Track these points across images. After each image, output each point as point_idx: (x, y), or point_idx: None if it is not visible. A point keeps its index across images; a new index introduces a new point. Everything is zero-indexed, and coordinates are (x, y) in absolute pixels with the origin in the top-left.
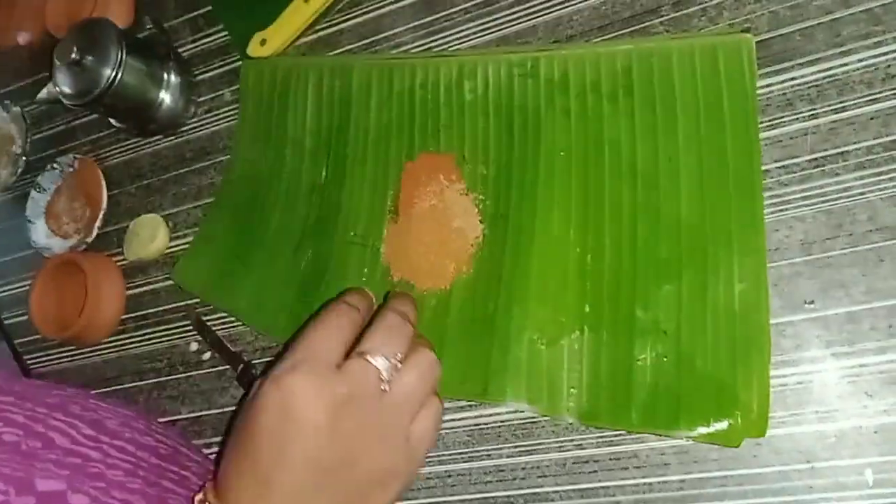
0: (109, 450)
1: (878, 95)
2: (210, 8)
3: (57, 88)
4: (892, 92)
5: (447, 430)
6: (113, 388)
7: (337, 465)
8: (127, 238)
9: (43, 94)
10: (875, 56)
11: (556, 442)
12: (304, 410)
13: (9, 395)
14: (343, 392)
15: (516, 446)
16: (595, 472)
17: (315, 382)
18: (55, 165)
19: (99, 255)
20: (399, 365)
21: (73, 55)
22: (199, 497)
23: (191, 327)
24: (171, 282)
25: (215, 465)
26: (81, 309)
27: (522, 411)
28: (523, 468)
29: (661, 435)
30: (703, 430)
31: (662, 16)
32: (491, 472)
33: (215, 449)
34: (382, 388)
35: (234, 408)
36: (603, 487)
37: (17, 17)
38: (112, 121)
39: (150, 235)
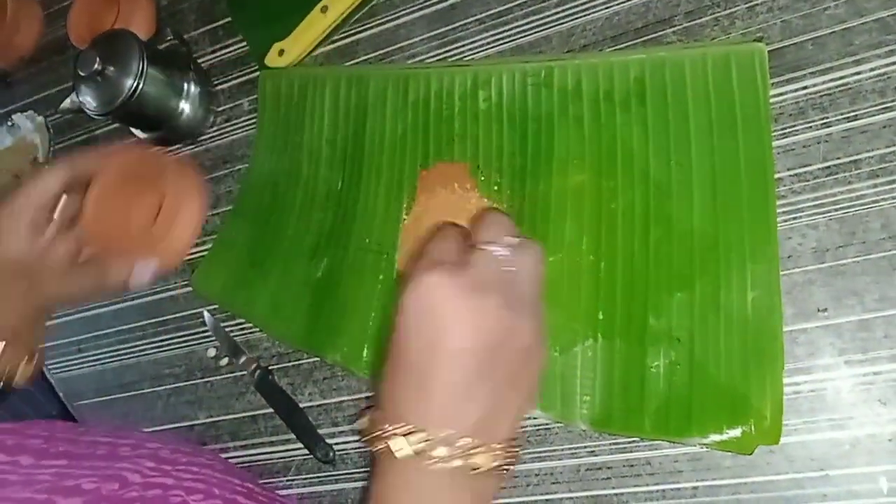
0: (180, 474)
1: (890, 104)
2: (229, 19)
3: (80, 98)
4: None
5: None
6: (131, 393)
7: (485, 351)
8: None
9: (66, 103)
10: (887, 65)
11: (570, 449)
12: (445, 305)
13: (62, 457)
14: (476, 280)
15: (529, 453)
16: (608, 478)
17: (448, 278)
18: None
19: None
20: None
21: (96, 66)
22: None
23: (208, 333)
24: (189, 288)
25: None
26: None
27: (535, 418)
28: (536, 474)
29: (674, 442)
30: (716, 437)
31: (675, 26)
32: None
33: (233, 454)
34: (506, 268)
35: (250, 413)
36: (616, 494)
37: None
38: (133, 130)
39: None
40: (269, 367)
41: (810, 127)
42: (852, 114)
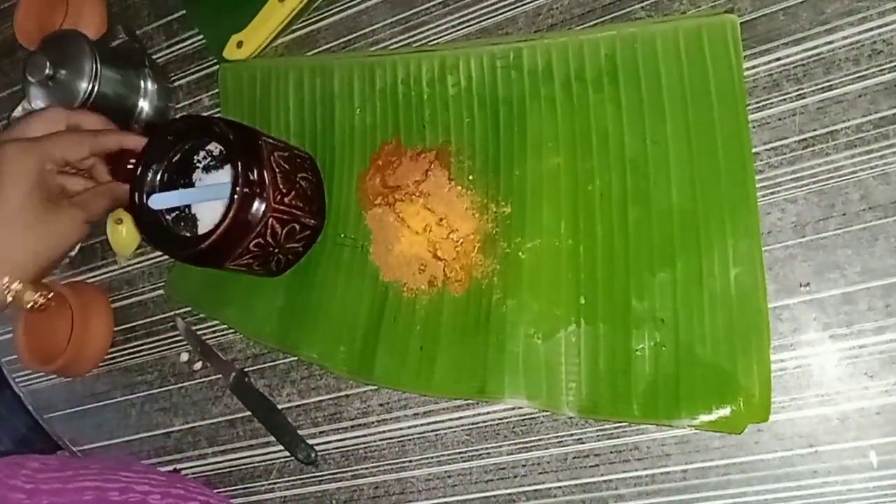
0: None
1: (865, 72)
2: (184, 12)
3: (31, 105)
4: (879, 68)
5: (445, 430)
6: (103, 402)
7: None
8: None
9: (18, 111)
10: (860, 32)
11: (556, 437)
12: None
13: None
14: None
15: (516, 443)
16: (596, 465)
17: None
18: None
19: (88, 287)
20: None
21: (47, 71)
22: None
23: (180, 338)
24: (158, 292)
25: None
26: (67, 342)
27: (520, 408)
28: (524, 465)
29: (663, 425)
30: (705, 417)
31: (643, 0)
32: (491, 471)
33: (212, 460)
34: None
35: (228, 417)
36: (605, 481)
37: None
38: None
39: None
40: (245, 370)
41: (785, 99)
42: (827, 84)
